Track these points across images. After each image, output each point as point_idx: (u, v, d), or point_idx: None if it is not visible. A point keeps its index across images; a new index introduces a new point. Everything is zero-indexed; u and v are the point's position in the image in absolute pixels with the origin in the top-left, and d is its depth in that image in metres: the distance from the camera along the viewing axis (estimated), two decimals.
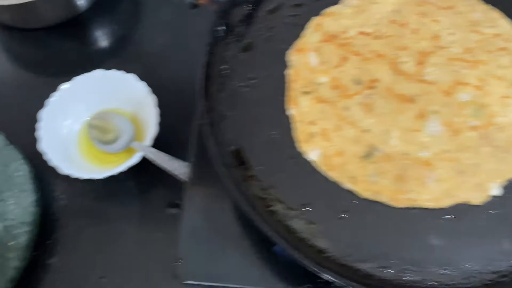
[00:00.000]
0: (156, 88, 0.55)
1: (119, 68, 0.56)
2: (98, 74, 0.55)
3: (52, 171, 0.54)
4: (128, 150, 0.54)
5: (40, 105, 0.58)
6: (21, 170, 0.52)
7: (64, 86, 0.54)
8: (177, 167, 0.47)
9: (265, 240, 0.39)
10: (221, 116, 0.38)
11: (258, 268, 0.39)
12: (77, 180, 0.53)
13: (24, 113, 0.58)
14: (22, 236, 0.49)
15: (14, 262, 0.48)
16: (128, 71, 0.55)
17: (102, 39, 0.65)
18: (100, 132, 0.55)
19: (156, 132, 0.52)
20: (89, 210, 0.53)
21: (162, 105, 0.54)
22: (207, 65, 0.38)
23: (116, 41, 0.64)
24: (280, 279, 0.39)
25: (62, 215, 0.53)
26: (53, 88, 0.57)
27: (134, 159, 0.51)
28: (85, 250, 0.51)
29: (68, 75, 0.60)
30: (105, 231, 0.52)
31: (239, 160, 0.36)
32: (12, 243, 0.49)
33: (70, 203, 0.54)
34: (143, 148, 0.51)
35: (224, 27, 0.40)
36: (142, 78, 0.55)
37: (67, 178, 0.54)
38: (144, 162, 0.52)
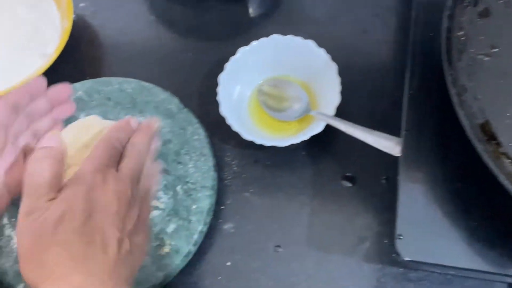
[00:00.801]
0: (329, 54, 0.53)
1: (287, 34, 0.54)
2: (275, 39, 0.53)
3: (221, 136, 0.54)
4: (300, 118, 0.53)
5: (201, 69, 0.59)
6: (198, 134, 0.52)
7: (241, 51, 0.53)
8: (373, 138, 0.44)
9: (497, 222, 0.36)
10: (461, 87, 0.35)
11: (486, 250, 0.37)
12: (246, 146, 0.53)
13: (193, 78, 0.59)
14: (203, 200, 0.49)
15: (198, 225, 0.48)
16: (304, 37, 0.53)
17: (265, 3, 0.63)
18: (271, 99, 0.54)
19: (339, 101, 0.50)
20: (261, 178, 0.52)
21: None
22: (447, 31, 0.35)
23: (279, 5, 0.62)
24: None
25: (234, 181, 0.53)
26: (224, 53, 0.57)
27: (318, 128, 0.49)
28: (259, 218, 0.51)
29: (235, 40, 0.59)
30: (279, 200, 0.51)
31: (488, 135, 0.34)
32: (194, 206, 0.49)
33: (241, 170, 0.53)
34: (328, 117, 0.49)
35: None
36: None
37: (237, 144, 0.54)
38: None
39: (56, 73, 0.57)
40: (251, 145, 0.52)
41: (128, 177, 0.39)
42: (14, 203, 0.49)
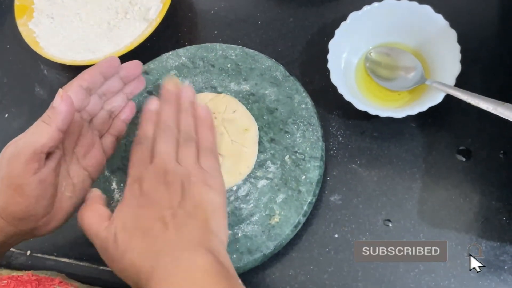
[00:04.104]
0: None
1: None
2: (389, 4, 0.51)
3: (325, 105, 0.54)
4: (411, 88, 0.51)
5: (303, 36, 0.58)
6: (305, 103, 0.52)
7: (352, 16, 0.52)
8: (504, 110, 0.43)
9: None
10: None
11: None
12: (351, 116, 0.53)
13: (294, 45, 0.58)
14: (312, 171, 0.49)
15: (307, 196, 0.48)
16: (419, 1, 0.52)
17: None
18: (381, 67, 0.53)
19: (459, 70, 0.48)
20: (368, 149, 0.52)
21: None
22: None
23: None
24: None
25: (340, 152, 0.52)
26: (325, 19, 0.56)
27: (437, 99, 0.48)
28: (367, 190, 0.50)
29: (336, 5, 0.58)
30: (387, 173, 0.51)
31: None
32: (303, 177, 0.49)
33: (347, 141, 0.53)
34: (448, 88, 0.47)
35: None
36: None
37: (341, 114, 0.54)
38: None
39: (158, 38, 0.59)
40: (356, 115, 0.51)
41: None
42: (120, 168, 0.52)
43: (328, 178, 0.51)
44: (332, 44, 0.51)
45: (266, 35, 0.59)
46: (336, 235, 0.49)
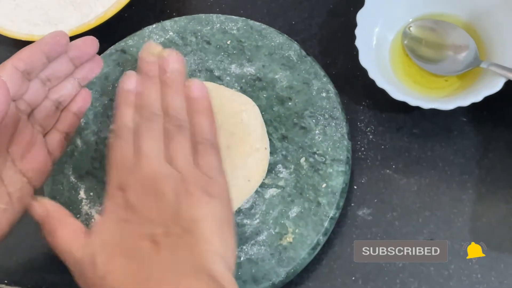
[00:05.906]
0: None
1: None
2: None
3: (351, 94, 0.51)
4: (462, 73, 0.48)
5: (324, 4, 0.54)
6: (326, 91, 0.48)
7: None
8: None
9: None
10: None
11: None
12: (384, 108, 0.50)
13: (312, 16, 0.55)
14: (335, 177, 0.45)
15: (329, 210, 0.44)
16: None
17: None
18: (423, 45, 0.50)
19: None
20: (406, 150, 0.48)
21: None
22: None
23: None
24: None
25: (370, 153, 0.49)
26: None
27: (495, 87, 0.44)
28: (405, 202, 0.47)
29: None
30: (431, 180, 0.47)
31: None
32: (323, 185, 0.45)
33: (379, 139, 0.49)
34: (509, 72, 0.43)
35: None
36: None
37: (372, 105, 0.51)
38: None
39: (138, 7, 0.56)
40: (391, 106, 0.48)
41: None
42: (90, 172, 0.48)
43: (355, 187, 0.48)
44: (361, 16, 0.48)
45: (276, 3, 0.56)
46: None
